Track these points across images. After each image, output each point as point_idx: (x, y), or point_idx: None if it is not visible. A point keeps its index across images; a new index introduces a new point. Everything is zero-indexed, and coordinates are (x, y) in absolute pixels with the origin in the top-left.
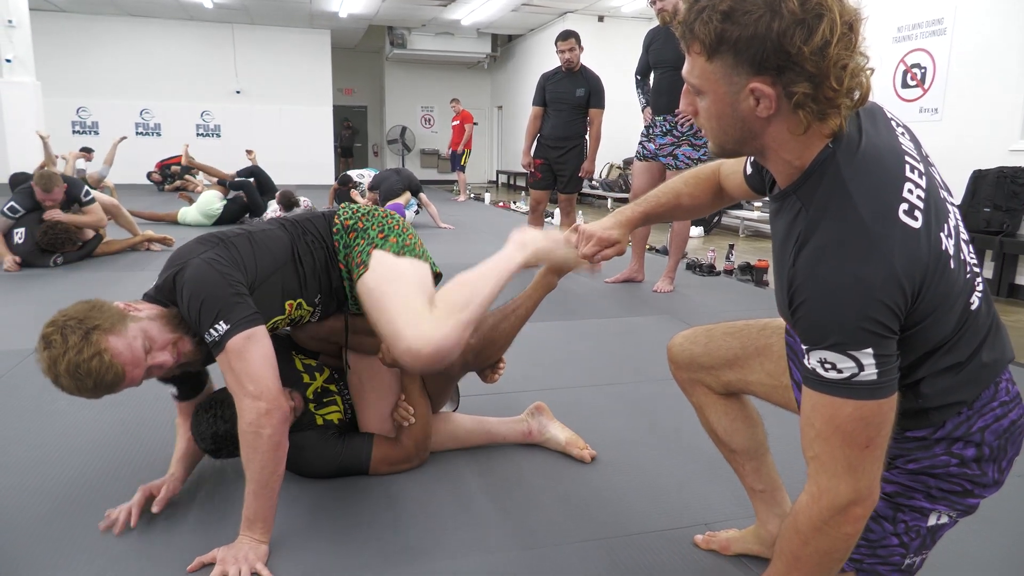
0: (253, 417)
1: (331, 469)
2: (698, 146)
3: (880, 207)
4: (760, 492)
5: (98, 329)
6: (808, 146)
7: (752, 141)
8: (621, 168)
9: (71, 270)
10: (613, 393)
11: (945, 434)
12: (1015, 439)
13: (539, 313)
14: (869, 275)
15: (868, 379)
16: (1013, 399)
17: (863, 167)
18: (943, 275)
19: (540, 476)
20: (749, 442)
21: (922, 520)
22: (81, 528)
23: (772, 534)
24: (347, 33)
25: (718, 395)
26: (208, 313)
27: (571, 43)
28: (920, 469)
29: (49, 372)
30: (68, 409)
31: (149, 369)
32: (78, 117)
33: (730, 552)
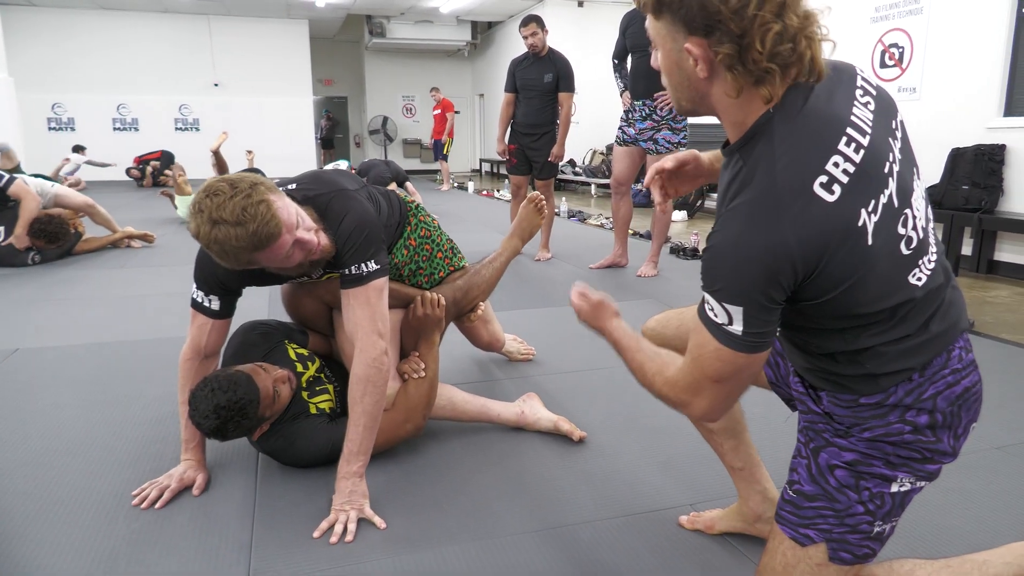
0: (377, 353)
1: (324, 454)
2: (678, 130)
3: (797, 178)
4: (739, 470)
5: (262, 185)
6: (749, 110)
7: (702, 101)
8: (604, 154)
9: (50, 268)
10: (597, 378)
11: (897, 400)
12: (969, 405)
13: (523, 300)
14: (757, 242)
15: (733, 332)
16: (967, 366)
17: (795, 135)
18: (853, 249)
19: (524, 461)
20: (726, 421)
21: (885, 486)
22: (66, 528)
23: (754, 511)
24: (325, 23)
25: None
26: (365, 248)
27: (532, 27)
28: (875, 437)
29: (206, 223)
30: (50, 409)
31: (295, 243)
32: (53, 113)
33: (715, 531)
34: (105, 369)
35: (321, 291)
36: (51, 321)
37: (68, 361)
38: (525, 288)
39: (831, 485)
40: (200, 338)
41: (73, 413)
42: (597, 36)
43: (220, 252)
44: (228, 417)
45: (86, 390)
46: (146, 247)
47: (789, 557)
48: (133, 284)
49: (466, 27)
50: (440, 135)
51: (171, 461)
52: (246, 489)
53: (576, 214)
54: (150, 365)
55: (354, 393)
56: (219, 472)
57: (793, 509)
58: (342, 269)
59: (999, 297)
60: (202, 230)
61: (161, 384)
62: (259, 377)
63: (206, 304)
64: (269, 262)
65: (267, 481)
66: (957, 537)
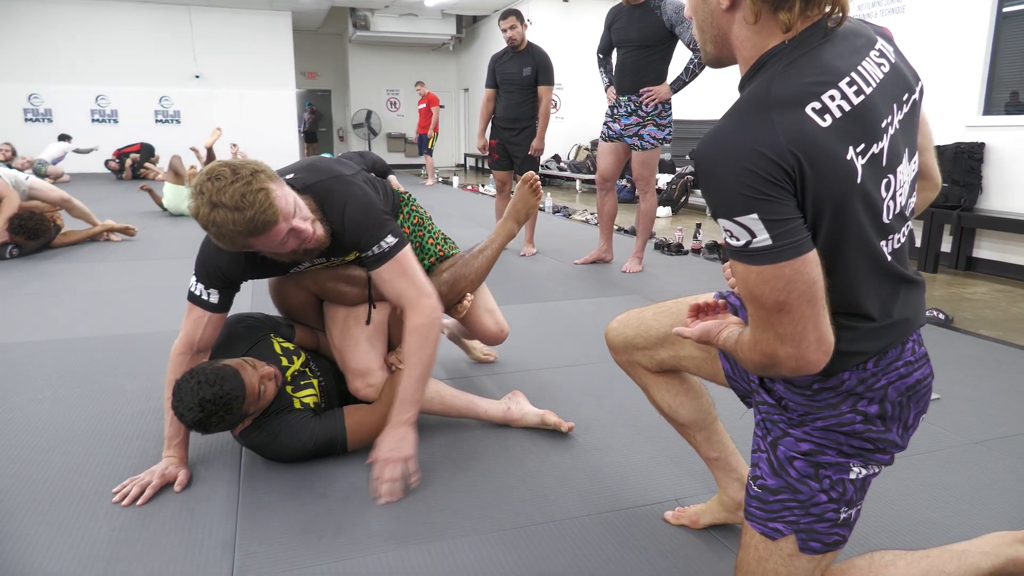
0: (430, 311)
1: (307, 449)
2: (663, 126)
3: (790, 93)
4: (716, 459)
5: (263, 173)
6: (762, 43)
7: (723, 42)
8: (589, 149)
9: (27, 262)
10: (582, 374)
11: (850, 388)
12: (919, 397)
13: (508, 295)
14: (747, 142)
15: (762, 245)
16: (919, 359)
17: (798, 64)
18: (843, 176)
19: (510, 457)
20: (696, 414)
21: (844, 473)
22: (46, 525)
23: (734, 499)
24: (309, 15)
25: (657, 373)
26: (377, 228)
27: (512, 21)
28: (828, 427)
29: (206, 205)
30: (29, 405)
31: (290, 231)
32: (30, 104)
33: (699, 525)
34: (84, 364)
35: (308, 282)
36: (29, 315)
37: (46, 356)
38: (510, 284)
39: (792, 477)
40: (195, 332)
41: (52, 408)
42: (582, 31)
43: (217, 234)
44: (212, 411)
45: (65, 385)
46: (126, 240)
47: (761, 551)
48: (113, 278)
49: (451, 21)
50: (425, 129)
51: (152, 457)
52: (230, 485)
53: (561, 210)
54: (130, 360)
55: (410, 345)
56: (202, 468)
57: (759, 504)
58: (364, 253)
59: (977, 293)
60: (201, 211)
61: (141, 379)
62: (246, 373)
63: (204, 297)
64: (264, 247)
65: (251, 477)
66: (938, 530)
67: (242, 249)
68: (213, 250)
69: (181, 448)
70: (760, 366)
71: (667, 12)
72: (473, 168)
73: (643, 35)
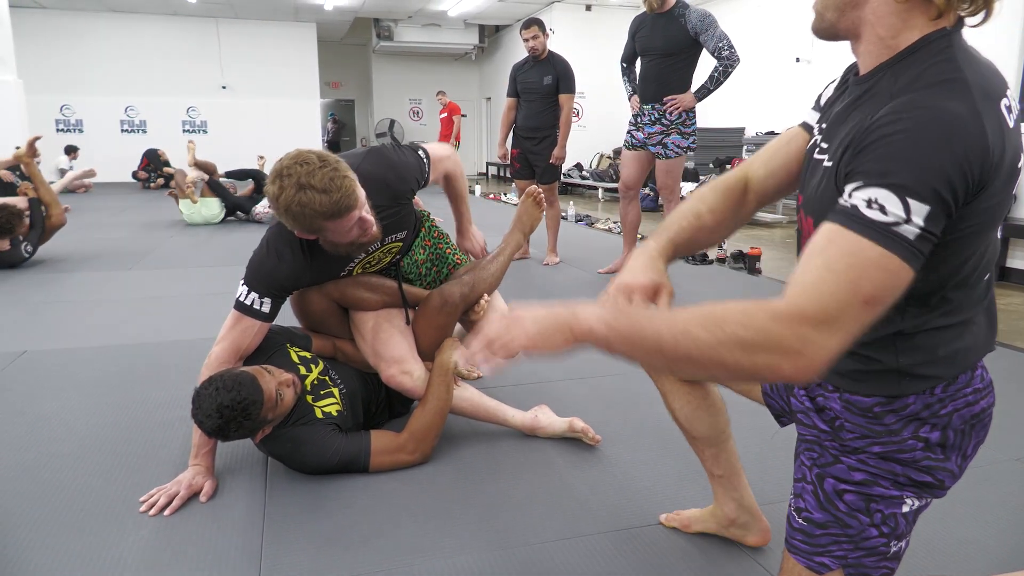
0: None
1: (331, 464)
2: (687, 134)
3: (985, 87)
4: (719, 477)
5: (343, 163)
6: (906, 26)
7: (851, 11)
8: (611, 158)
9: (57, 270)
10: (608, 385)
11: (913, 413)
12: (982, 425)
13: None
14: (968, 123)
15: (908, 234)
16: (986, 387)
17: (976, 59)
18: (1006, 185)
19: (537, 470)
20: (710, 430)
21: (896, 507)
22: (73, 534)
23: (728, 516)
24: (333, 26)
25: (682, 382)
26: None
27: (534, 31)
28: (886, 453)
29: (292, 187)
30: (57, 412)
31: (359, 220)
32: (62, 115)
33: (690, 530)
34: (112, 372)
35: (330, 288)
36: (59, 323)
37: (75, 364)
38: (532, 293)
39: (841, 511)
40: (242, 342)
41: (80, 417)
42: (604, 40)
43: (297, 215)
44: (231, 417)
45: (93, 393)
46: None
47: None
48: (140, 286)
49: (473, 31)
50: (447, 138)
51: (179, 467)
52: (254, 495)
53: (583, 218)
54: (156, 369)
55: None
56: (228, 477)
57: (804, 538)
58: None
59: (1012, 304)
60: (286, 193)
61: (168, 388)
62: (263, 379)
63: (256, 307)
64: (332, 232)
65: (276, 486)
66: (978, 550)
67: (312, 233)
68: (274, 259)
69: (208, 457)
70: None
71: (691, 20)
72: (495, 177)
73: (667, 43)
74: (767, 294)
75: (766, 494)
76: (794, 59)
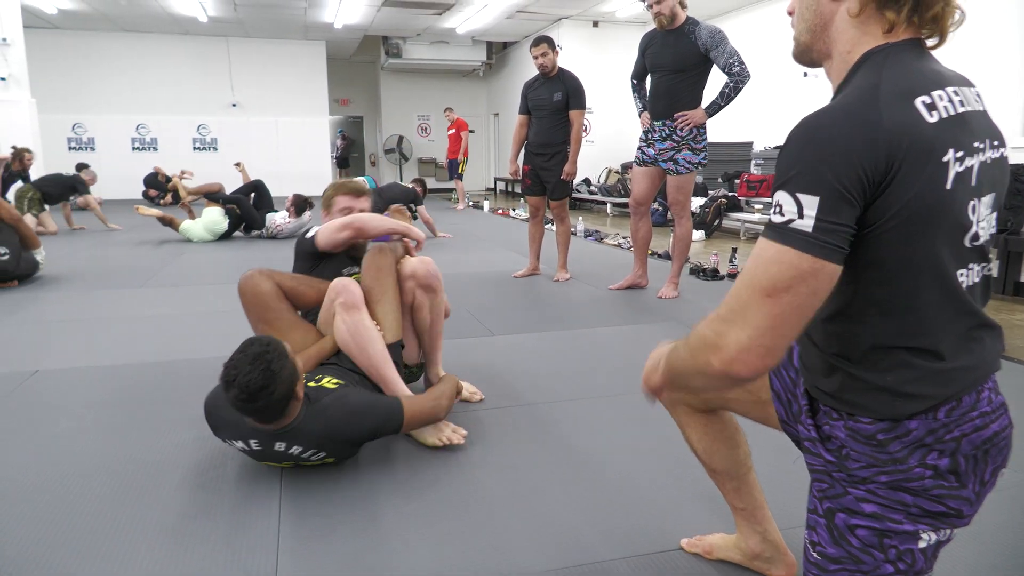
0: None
1: (377, 410)
2: (698, 150)
3: (901, 86)
4: (741, 510)
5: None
6: (860, 40)
7: (821, 32)
8: (619, 172)
9: (69, 289)
10: (619, 405)
11: (917, 439)
12: (997, 450)
13: (541, 322)
14: (848, 120)
15: (801, 228)
16: (996, 409)
17: (907, 63)
18: (931, 177)
19: (553, 495)
20: (729, 463)
21: (912, 542)
22: (86, 557)
23: (752, 550)
24: (342, 44)
25: (699, 413)
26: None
27: (543, 48)
28: (894, 483)
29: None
30: (70, 433)
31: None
32: (74, 133)
33: (713, 557)
34: (124, 391)
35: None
36: (70, 342)
37: (87, 383)
38: (543, 310)
39: (854, 546)
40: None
41: (92, 437)
42: (612, 55)
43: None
44: (266, 364)
45: (105, 413)
46: (157, 265)
47: None
48: (151, 304)
49: (481, 47)
50: (455, 154)
51: (190, 488)
52: (269, 518)
53: (593, 233)
54: (167, 388)
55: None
56: (241, 501)
57: (820, 572)
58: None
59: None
60: (332, 187)
61: (180, 407)
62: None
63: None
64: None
65: (291, 507)
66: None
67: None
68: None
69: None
70: (696, 348)
71: (701, 36)
72: (503, 192)
73: (677, 60)
74: None
75: (793, 518)
76: (802, 73)
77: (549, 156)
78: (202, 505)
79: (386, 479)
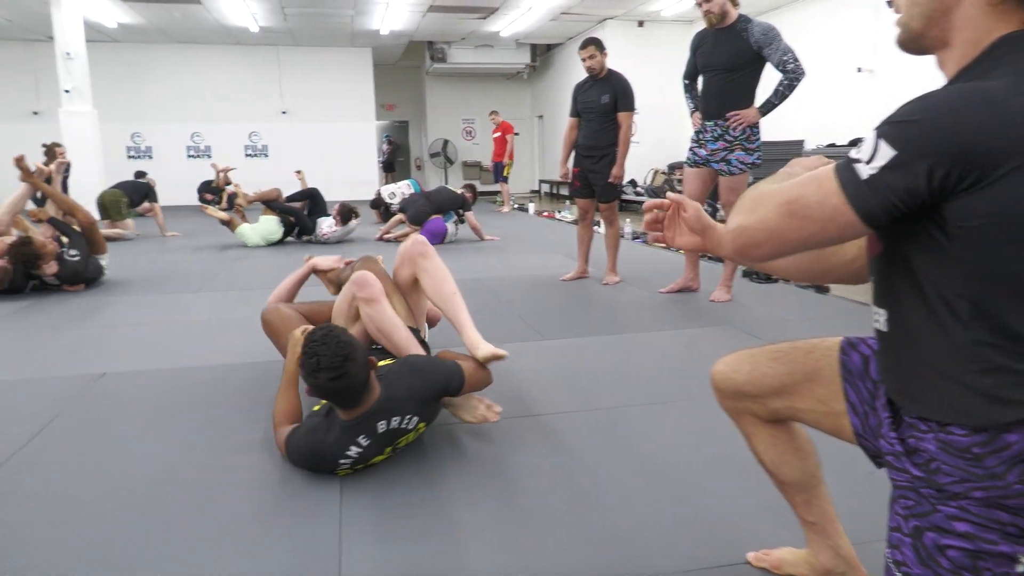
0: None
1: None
2: (751, 150)
3: None
4: (812, 524)
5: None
6: (995, 28)
7: (941, 18)
8: (666, 174)
9: (129, 292)
10: (677, 411)
11: (1017, 454)
12: None
13: (592, 326)
14: (987, 104)
15: (859, 170)
16: None
17: None
18: None
19: (612, 505)
20: (798, 474)
21: (1008, 566)
22: (159, 559)
23: (824, 565)
24: (388, 50)
25: (766, 423)
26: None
27: (590, 50)
28: (990, 499)
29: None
30: (136, 436)
31: None
32: (132, 143)
33: (781, 572)
34: (185, 394)
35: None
36: (133, 345)
37: (151, 386)
38: (594, 313)
39: (944, 568)
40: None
41: (158, 440)
42: (657, 55)
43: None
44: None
45: (169, 415)
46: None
47: None
48: (208, 308)
49: (525, 50)
50: (500, 157)
51: (254, 491)
52: (330, 523)
53: (640, 235)
54: (228, 391)
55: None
56: (302, 504)
57: None
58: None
59: None
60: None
61: (242, 410)
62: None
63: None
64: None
65: (352, 514)
66: None
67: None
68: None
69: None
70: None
71: (754, 34)
72: (548, 194)
73: (729, 59)
74: (837, 314)
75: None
76: (855, 69)
77: (598, 159)
78: (266, 508)
79: (443, 484)
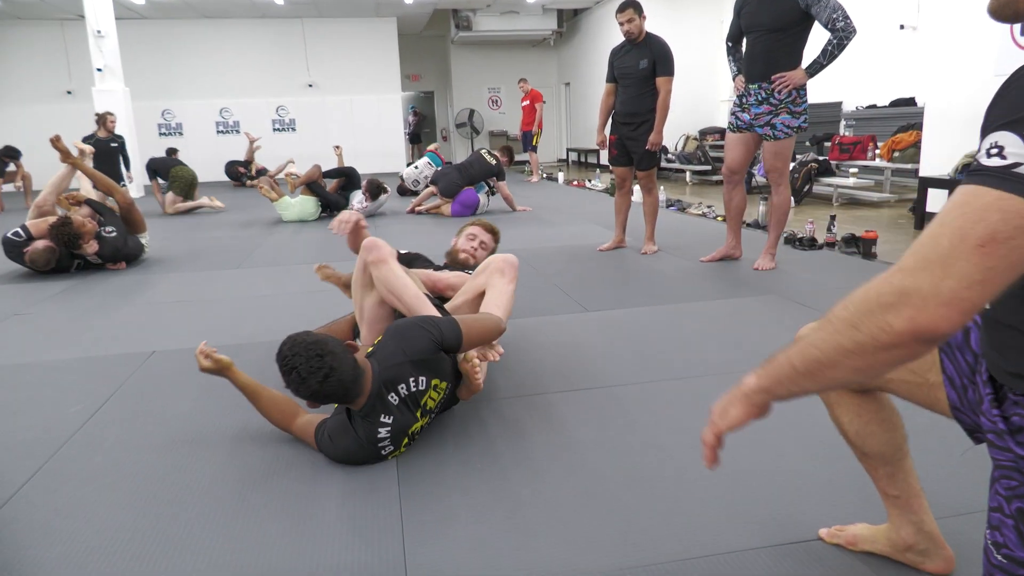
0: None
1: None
2: (797, 113)
3: None
4: (894, 497)
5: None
6: None
7: None
8: (697, 139)
9: (171, 271)
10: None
11: None
12: None
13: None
14: None
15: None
16: None
17: None
18: None
19: (670, 481)
20: (885, 447)
21: None
22: (221, 537)
23: (905, 541)
24: (412, 19)
25: (852, 393)
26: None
27: (629, 14)
28: None
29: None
30: (189, 414)
31: None
32: (163, 119)
33: (857, 548)
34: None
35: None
36: (179, 323)
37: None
38: (635, 284)
39: None
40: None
41: (210, 418)
42: (689, 20)
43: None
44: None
45: (217, 393)
46: (245, 238)
47: None
48: (248, 285)
49: (552, 16)
50: (529, 126)
51: (306, 466)
52: (390, 504)
53: (675, 203)
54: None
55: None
56: (361, 485)
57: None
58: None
59: None
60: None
61: None
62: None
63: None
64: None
65: (411, 495)
66: None
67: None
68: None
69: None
70: (860, 314)
71: None
72: (576, 163)
73: (775, 19)
74: None
75: (946, 507)
76: (898, 26)
77: (636, 125)
78: (324, 489)
79: (499, 464)
